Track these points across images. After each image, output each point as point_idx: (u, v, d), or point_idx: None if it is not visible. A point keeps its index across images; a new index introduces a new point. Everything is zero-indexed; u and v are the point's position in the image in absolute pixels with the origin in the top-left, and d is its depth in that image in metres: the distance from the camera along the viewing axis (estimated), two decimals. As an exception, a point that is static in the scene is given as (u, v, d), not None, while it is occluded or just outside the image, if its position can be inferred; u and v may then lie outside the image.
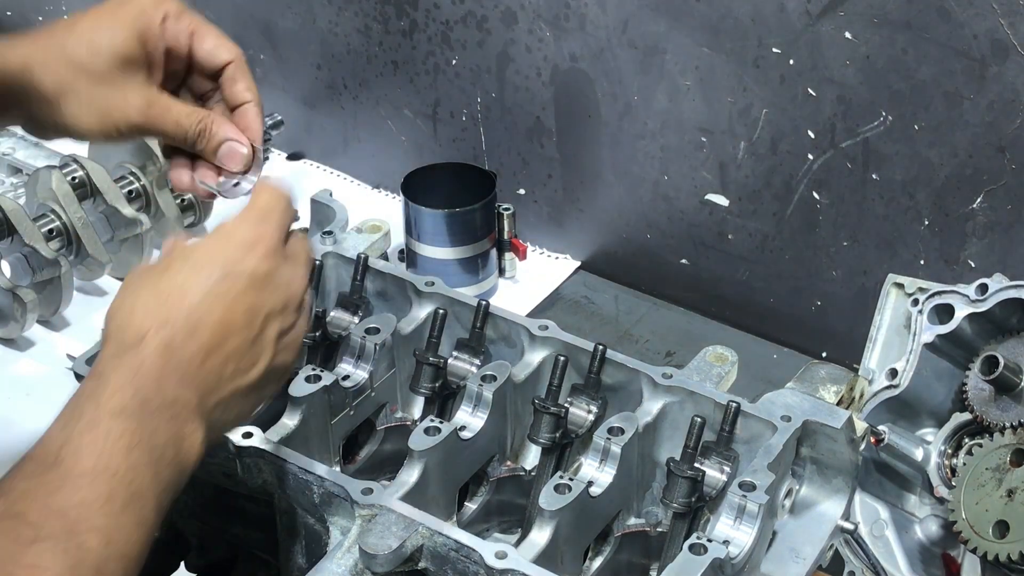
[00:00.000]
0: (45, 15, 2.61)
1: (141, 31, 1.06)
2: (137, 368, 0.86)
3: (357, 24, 2.07)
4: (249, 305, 0.91)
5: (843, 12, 1.56)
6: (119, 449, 0.82)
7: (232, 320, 0.90)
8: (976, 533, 1.20)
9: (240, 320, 0.90)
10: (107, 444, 0.82)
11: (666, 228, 1.88)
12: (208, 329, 0.89)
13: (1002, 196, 1.54)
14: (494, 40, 1.91)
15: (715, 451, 1.09)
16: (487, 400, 1.14)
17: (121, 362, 0.87)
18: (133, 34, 1.05)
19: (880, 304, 1.39)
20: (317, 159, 2.32)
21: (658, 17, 1.72)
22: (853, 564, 1.33)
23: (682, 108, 1.76)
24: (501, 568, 0.95)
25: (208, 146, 1.08)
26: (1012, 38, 1.45)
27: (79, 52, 1.04)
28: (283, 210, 0.97)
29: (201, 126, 1.07)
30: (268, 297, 0.92)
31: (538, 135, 1.95)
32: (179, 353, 0.87)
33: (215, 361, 0.89)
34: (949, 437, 1.33)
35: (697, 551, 0.96)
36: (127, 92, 1.05)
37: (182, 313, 0.88)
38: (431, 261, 1.87)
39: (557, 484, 1.03)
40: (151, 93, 1.07)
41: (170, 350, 0.87)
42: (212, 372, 0.89)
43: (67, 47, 1.05)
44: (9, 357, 1.75)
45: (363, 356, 1.20)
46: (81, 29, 1.06)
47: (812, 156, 1.68)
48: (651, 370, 1.14)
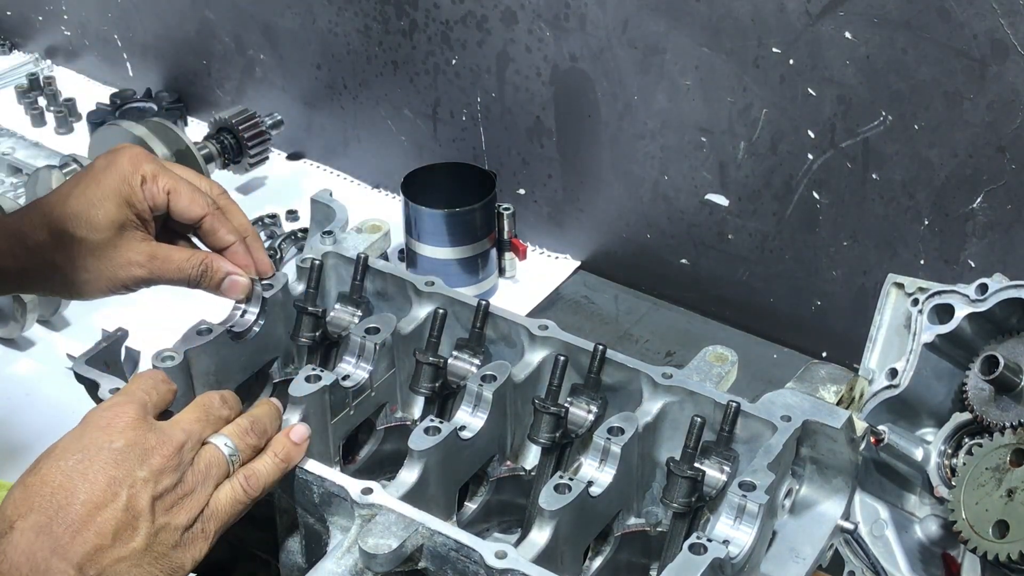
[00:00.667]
0: (45, 15, 2.61)
1: (126, 197, 1.16)
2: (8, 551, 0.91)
3: (357, 24, 2.07)
4: (110, 478, 0.95)
5: (843, 12, 1.56)
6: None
7: (95, 495, 0.94)
8: (976, 533, 1.20)
9: (103, 494, 0.94)
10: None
11: (666, 228, 1.88)
12: (73, 508, 0.93)
13: (1002, 196, 1.54)
14: (494, 40, 1.91)
15: (715, 451, 1.09)
16: (487, 400, 1.14)
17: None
18: (120, 201, 1.16)
19: (880, 304, 1.39)
20: (317, 159, 2.32)
21: (658, 17, 1.72)
22: (853, 564, 1.33)
23: (682, 108, 1.76)
24: (501, 568, 0.95)
25: (211, 283, 1.19)
26: (1012, 38, 1.45)
27: (80, 232, 1.15)
28: (146, 388, 1.03)
29: (202, 267, 1.18)
30: (130, 468, 0.96)
31: (538, 135, 1.95)
32: (49, 533, 0.92)
33: (88, 535, 0.93)
34: (949, 437, 1.33)
35: (697, 551, 0.96)
36: (129, 252, 1.16)
37: (44, 499, 0.93)
38: (431, 261, 1.87)
39: (557, 484, 1.03)
40: (151, 247, 1.17)
41: (39, 531, 0.92)
42: (87, 543, 0.93)
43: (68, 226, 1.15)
44: (9, 357, 1.75)
45: (363, 356, 1.20)
46: (75, 208, 1.16)
47: (812, 156, 1.68)
48: (651, 370, 1.14)
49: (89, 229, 1.16)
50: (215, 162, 2.12)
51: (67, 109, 2.45)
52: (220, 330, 1.20)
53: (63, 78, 2.60)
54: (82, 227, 1.16)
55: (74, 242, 1.16)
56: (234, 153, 2.16)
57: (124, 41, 2.50)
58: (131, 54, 2.51)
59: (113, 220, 1.16)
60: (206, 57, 2.34)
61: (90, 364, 1.15)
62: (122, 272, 1.16)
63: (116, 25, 2.49)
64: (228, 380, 1.22)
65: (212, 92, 2.40)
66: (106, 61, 2.56)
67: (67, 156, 1.98)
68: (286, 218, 2.13)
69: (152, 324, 1.60)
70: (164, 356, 1.16)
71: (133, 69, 2.52)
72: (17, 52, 2.74)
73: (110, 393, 1.11)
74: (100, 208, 1.16)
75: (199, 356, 1.18)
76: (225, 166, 2.16)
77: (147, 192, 1.17)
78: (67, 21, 2.58)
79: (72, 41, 2.61)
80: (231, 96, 2.36)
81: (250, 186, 2.24)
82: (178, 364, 1.15)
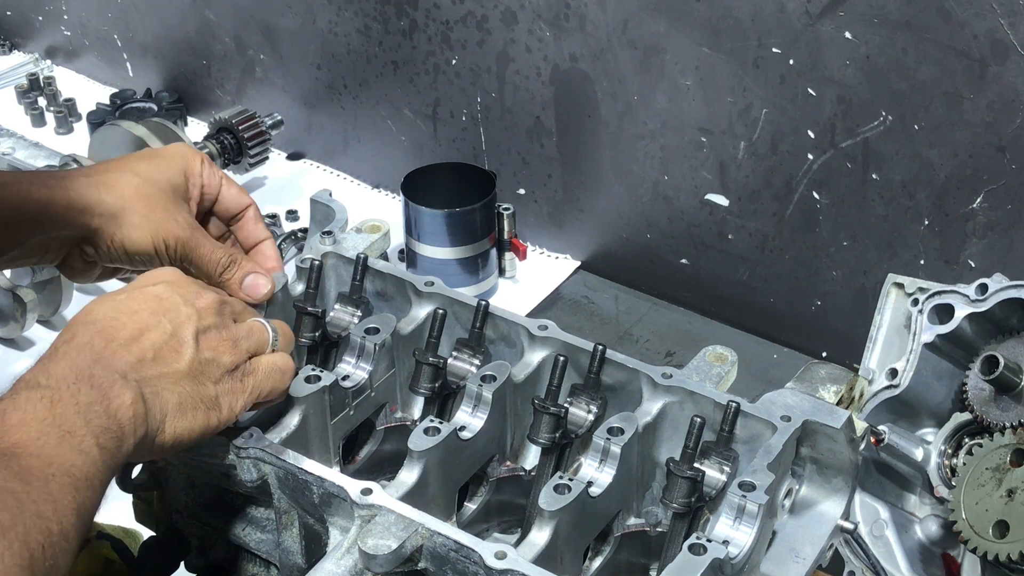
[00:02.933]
0: (45, 15, 2.61)
1: (186, 170, 1.22)
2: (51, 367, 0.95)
3: (357, 24, 2.07)
4: (154, 309, 1.01)
5: (843, 12, 1.56)
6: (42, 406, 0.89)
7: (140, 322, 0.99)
8: (976, 533, 1.20)
9: (148, 321, 1.00)
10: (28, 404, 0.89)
11: (666, 228, 1.88)
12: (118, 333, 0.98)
13: (1002, 196, 1.54)
14: (494, 40, 1.91)
15: (715, 451, 1.09)
16: (487, 400, 1.13)
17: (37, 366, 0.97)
18: (180, 171, 1.22)
19: (880, 304, 1.39)
20: (317, 159, 2.32)
21: (658, 17, 1.72)
22: (853, 564, 1.33)
23: (682, 108, 1.76)
24: (501, 568, 0.95)
25: (234, 277, 1.21)
26: (1012, 38, 1.45)
27: (137, 180, 1.19)
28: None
29: (230, 259, 1.21)
30: (175, 303, 1.02)
31: (538, 135, 1.95)
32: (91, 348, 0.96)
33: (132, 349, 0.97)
34: (949, 437, 1.33)
35: (697, 551, 0.96)
36: (176, 215, 1.20)
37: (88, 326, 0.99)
38: (431, 261, 1.87)
39: (557, 484, 1.03)
40: (193, 221, 1.22)
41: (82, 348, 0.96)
42: (130, 355, 0.97)
43: (126, 175, 1.20)
44: (9, 357, 1.75)
45: (363, 356, 1.20)
46: (136, 165, 1.21)
47: (812, 156, 1.68)
48: (651, 370, 1.14)
49: (146, 182, 1.19)
50: (215, 162, 2.12)
51: (67, 109, 2.45)
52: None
53: (63, 78, 2.60)
54: (140, 178, 1.19)
55: (132, 189, 1.18)
56: (234, 153, 2.16)
57: (124, 41, 2.50)
58: (131, 54, 2.51)
59: (171, 182, 1.20)
60: (206, 57, 2.34)
61: (90, 364, 1.15)
62: (164, 230, 1.18)
63: (116, 25, 2.49)
64: (228, 380, 1.22)
65: (212, 92, 2.40)
66: (106, 61, 2.56)
67: (67, 156, 1.98)
68: (286, 218, 2.13)
69: (152, 324, 1.61)
70: (164, 356, 1.15)
71: (133, 69, 2.52)
72: (17, 52, 2.74)
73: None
74: (161, 169, 1.21)
75: (199, 356, 1.18)
76: (225, 166, 2.16)
77: (204, 173, 1.23)
78: (67, 21, 2.59)
79: (72, 41, 2.61)
80: (231, 96, 2.36)
81: (250, 186, 2.24)
82: (178, 364, 1.15)
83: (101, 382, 0.93)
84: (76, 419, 0.90)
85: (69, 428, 0.89)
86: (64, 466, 0.87)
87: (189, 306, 1.02)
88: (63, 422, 0.89)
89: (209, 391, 1.01)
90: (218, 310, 1.05)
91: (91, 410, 0.91)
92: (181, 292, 1.04)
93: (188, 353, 1.00)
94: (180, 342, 1.00)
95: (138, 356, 0.97)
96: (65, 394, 0.91)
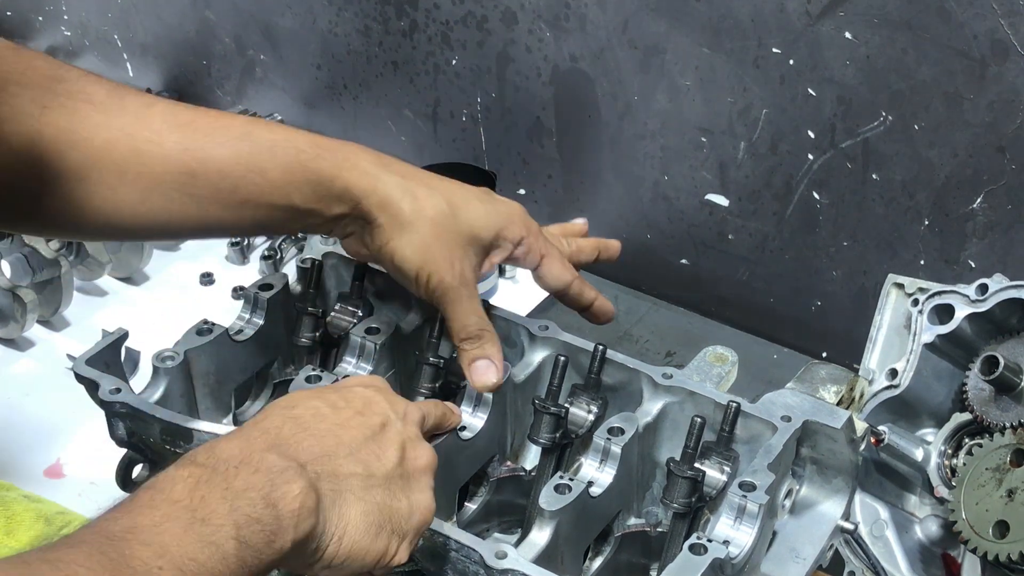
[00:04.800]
0: (45, 15, 2.61)
1: (501, 232, 1.14)
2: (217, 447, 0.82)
3: (357, 24, 2.07)
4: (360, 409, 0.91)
5: (843, 12, 1.56)
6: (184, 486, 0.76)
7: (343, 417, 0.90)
8: (976, 533, 1.20)
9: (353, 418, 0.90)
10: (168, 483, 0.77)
11: (666, 228, 1.88)
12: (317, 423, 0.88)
13: (1002, 196, 1.54)
14: (494, 40, 1.91)
15: (715, 451, 1.09)
16: (487, 400, 1.14)
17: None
18: (493, 229, 1.14)
19: (880, 304, 1.39)
20: (317, 159, 2.32)
21: (658, 17, 1.72)
22: (853, 564, 1.33)
23: (682, 108, 1.76)
24: (501, 568, 0.95)
25: (471, 351, 1.12)
26: (1012, 38, 1.45)
27: (443, 208, 1.11)
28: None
29: (480, 332, 1.12)
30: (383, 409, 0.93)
31: (538, 135, 1.94)
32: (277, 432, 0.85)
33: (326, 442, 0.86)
34: (949, 437, 1.33)
35: (697, 551, 0.96)
36: (456, 261, 1.11)
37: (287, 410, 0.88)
38: (431, 261, 1.87)
39: (557, 484, 1.03)
40: (470, 277, 1.12)
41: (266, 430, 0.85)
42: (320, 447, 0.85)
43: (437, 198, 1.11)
44: (9, 357, 1.75)
45: (363, 356, 1.20)
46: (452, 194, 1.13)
47: (812, 156, 1.68)
48: (651, 370, 1.14)
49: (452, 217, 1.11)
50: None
51: (67, 109, 2.45)
52: (220, 330, 1.20)
53: (63, 78, 2.60)
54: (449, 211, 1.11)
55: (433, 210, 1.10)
56: (234, 153, 2.15)
57: (124, 41, 2.50)
58: (131, 54, 2.51)
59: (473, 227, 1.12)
60: (206, 57, 2.34)
61: (90, 364, 1.15)
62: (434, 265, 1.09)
63: (116, 25, 2.49)
64: (228, 380, 1.22)
65: (212, 92, 2.40)
66: (106, 61, 2.56)
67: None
68: (286, 218, 2.13)
69: (152, 324, 1.61)
70: (164, 356, 1.16)
71: (133, 69, 2.52)
72: (17, 52, 2.74)
73: (110, 394, 1.11)
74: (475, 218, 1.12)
75: (199, 356, 1.18)
76: (225, 166, 2.16)
77: (523, 246, 1.16)
78: (67, 21, 2.58)
79: (72, 41, 2.61)
80: (231, 96, 2.36)
81: (250, 186, 2.24)
82: (178, 364, 1.15)
83: (270, 467, 0.79)
84: (219, 505, 0.75)
85: (205, 515, 0.74)
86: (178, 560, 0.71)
87: (397, 414, 0.94)
88: (201, 506, 0.74)
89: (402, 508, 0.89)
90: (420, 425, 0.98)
91: (243, 496, 0.76)
92: (390, 399, 0.96)
93: (392, 458, 0.89)
94: (383, 445, 0.89)
95: (329, 450, 0.85)
96: (218, 476, 0.77)
